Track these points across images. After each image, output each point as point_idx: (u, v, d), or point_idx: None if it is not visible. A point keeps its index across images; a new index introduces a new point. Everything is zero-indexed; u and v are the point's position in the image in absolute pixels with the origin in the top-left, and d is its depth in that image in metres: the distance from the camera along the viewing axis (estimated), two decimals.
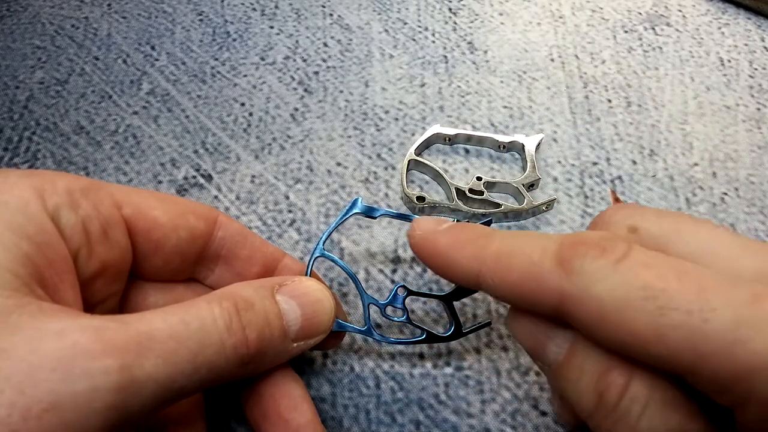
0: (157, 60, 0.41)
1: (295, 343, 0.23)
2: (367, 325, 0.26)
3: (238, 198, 0.35)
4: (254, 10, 0.44)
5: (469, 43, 0.42)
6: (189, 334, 0.19)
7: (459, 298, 0.26)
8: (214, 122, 0.38)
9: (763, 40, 0.43)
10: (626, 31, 0.43)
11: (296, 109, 0.39)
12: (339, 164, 0.36)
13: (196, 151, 0.37)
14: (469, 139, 0.36)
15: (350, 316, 0.30)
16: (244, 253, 0.26)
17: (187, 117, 0.38)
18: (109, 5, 0.44)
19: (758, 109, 0.39)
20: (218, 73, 0.40)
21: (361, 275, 0.32)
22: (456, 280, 0.22)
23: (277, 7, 0.44)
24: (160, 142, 0.37)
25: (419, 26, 0.43)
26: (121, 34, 0.43)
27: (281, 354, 0.23)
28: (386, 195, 0.35)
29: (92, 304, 0.22)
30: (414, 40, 0.42)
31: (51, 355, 0.17)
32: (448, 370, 0.29)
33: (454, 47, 0.42)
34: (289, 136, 0.37)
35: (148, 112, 0.38)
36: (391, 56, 0.41)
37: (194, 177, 0.35)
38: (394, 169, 0.36)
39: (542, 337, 0.20)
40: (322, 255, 0.26)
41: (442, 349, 0.30)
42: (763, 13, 0.44)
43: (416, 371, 0.29)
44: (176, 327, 0.19)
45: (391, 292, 0.27)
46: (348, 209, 0.26)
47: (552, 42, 0.42)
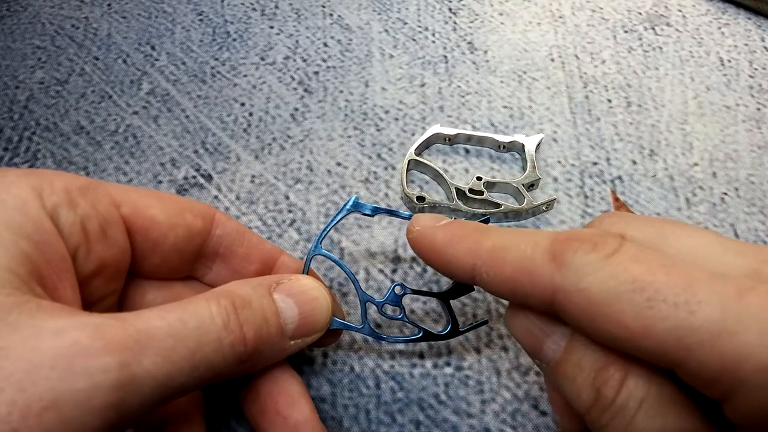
0: (157, 60, 0.41)
1: (292, 341, 0.23)
2: (364, 323, 0.26)
3: (238, 198, 0.35)
4: (254, 10, 0.44)
5: (469, 43, 0.42)
6: (187, 332, 0.19)
7: (456, 296, 0.26)
8: (214, 122, 0.38)
9: (763, 40, 0.43)
10: (626, 31, 0.43)
11: (296, 109, 0.39)
12: (339, 164, 0.36)
13: (196, 151, 0.37)
14: (469, 139, 0.36)
15: (350, 316, 0.30)
16: (242, 251, 0.26)
17: (187, 117, 0.38)
18: (109, 5, 0.44)
19: (758, 109, 0.39)
20: (218, 73, 0.40)
21: (361, 275, 0.32)
22: (452, 275, 0.23)
23: (277, 7, 0.44)
24: (160, 142, 0.37)
25: (419, 26, 0.43)
26: (121, 34, 0.43)
27: (278, 352, 0.23)
28: (386, 195, 0.35)
29: (91, 303, 0.22)
30: (414, 40, 0.42)
31: (50, 353, 0.17)
32: (448, 370, 0.29)
33: (454, 47, 0.42)
34: (289, 136, 0.37)
35: (148, 112, 0.38)
36: (391, 56, 0.41)
37: (194, 177, 0.35)
38: (394, 169, 0.36)
39: (540, 334, 0.21)
40: (319, 253, 0.26)
41: (443, 349, 0.30)
42: (763, 13, 0.44)
43: (416, 371, 0.29)
44: (175, 325, 0.19)
45: (388, 290, 0.27)
46: (345, 207, 0.26)
47: (552, 42, 0.42)
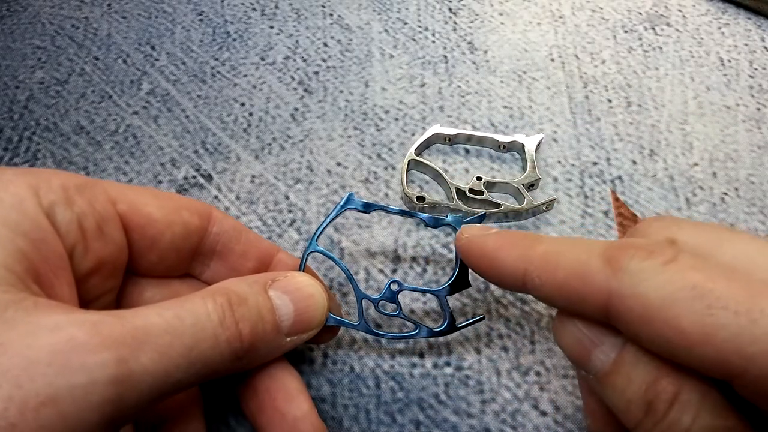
0: (157, 60, 0.41)
1: (288, 338, 0.23)
2: (360, 319, 0.26)
3: (238, 198, 0.35)
4: (254, 10, 0.44)
5: (469, 43, 0.42)
6: (184, 328, 0.19)
7: (452, 292, 0.26)
8: (214, 122, 0.38)
9: (763, 40, 0.43)
10: (626, 31, 0.43)
11: (296, 109, 0.38)
12: (339, 164, 0.36)
13: (196, 151, 0.37)
14: (469, 139, 0.36)
15: (351, 316, 0.30)
16: (239, 248, 0.26)
17: (187, 117, 0.38)
18: (109, 5, 0.44)
19: (758, 109, 0.39)
20: (218, 73, 0.40)
21: (361, 275, 0.32)
22: (503, 281, 0.22)
23: (277, 7, 0.44)
24: (160, 142, 0.37)
25: (419, 26, 0.43)
26: (121, 34, 0.43)
27: (275, 348, 0.23)
28: (386, 195, 0.35)
29: (89, 301, 0.22)
30: (414, 40, 0.42)
31: (47, 349, 0.17)
32: (448, 370, 0.29)
33: (454, 47, 0.42)
34: (289, 136, 0.37)
35: (148, 112, 0.38)
36: (391, 56, 0.41)
37: (194, 177, 0.35)
38: (394, 169, 0.36)
39: (589, 344, 0.20)
40: (315, 250, 0.26)
41: (443, 348, 0.29)
42: (763, 13, 0.44)
43: (416, 371, 0.29)
44: (171, 321, 0.19)
45: (385, 287, 0.27)
46: (341, 204, 0.26)
47: (552, 42, 0.42)
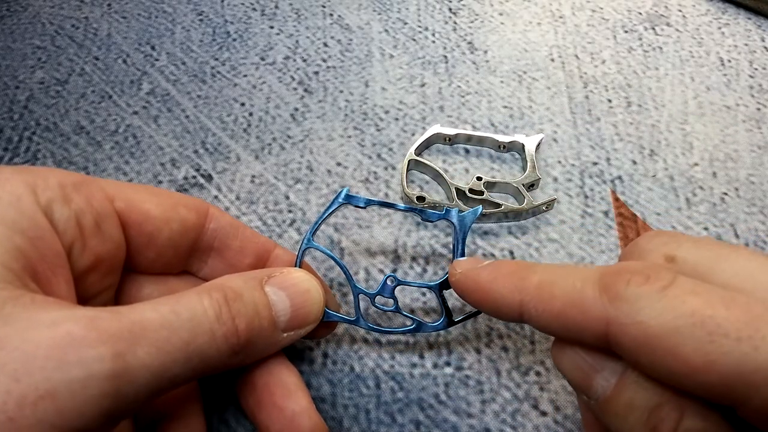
0: (157, 60, 0.41)
1: (285, 333, 0.23)
2: (356, 314, 0.26)
3: (238, 198, 0.35)
4: (254, 10, 0.44)
5: (469, 43, 0.42)
6: (180, 323, 0.19)
7: (449, 287, 0.26)
8: (214, 122, 0.38)
9: (763, 40, 0.43)
10: (626, 31, 0.43)
11: (296, 109, 0.38)
12: (339, 164, 0.36)
13: (196, 151, 0.37)
14: (469, 139, 0.36)
15: (350, 314, 0.30)
16: (236, 244, 0.26)
17: (187, 117, 0.38)
18: (109, 5, 0.44)
19: (758, 109, 0.39)
20: (218, 73, 0.40)
21: (361, 274, 0.32)
22: (499, 313, 0.22)
23: (277, 7, 0.44)
24: (160, 142, 0.37)
25: (419, 26, 0.43)
26: (121, 34, 0.43)
27: (271, 344, 0.23)
28: (386, 195, 0.35)
29: (87, 298, 0.22)
30: (414, 40, 0.42)
31: (45, 343, 0.17)
32: (448, 370, 0.29)
33: (454, 47, 0.42)
34: (289, 136, 0.37)
35: (148, 112, 0.38)
36: (391, 56, 0.41)
37: (194, 177, 0.35)
38: (394, 169, 0.36)
39: (589, 370, 0.20)
40: (311, 246, 0.26)
41: (443, 348, 0.29)
42: (763, 13, 0.44)
43: (416, 371, 0.29)
44: (168, 317, 0.19)
45: (381, 282, 0.26)
46: (335, 200, 0.26)
47: (552, 42, 0.42)
